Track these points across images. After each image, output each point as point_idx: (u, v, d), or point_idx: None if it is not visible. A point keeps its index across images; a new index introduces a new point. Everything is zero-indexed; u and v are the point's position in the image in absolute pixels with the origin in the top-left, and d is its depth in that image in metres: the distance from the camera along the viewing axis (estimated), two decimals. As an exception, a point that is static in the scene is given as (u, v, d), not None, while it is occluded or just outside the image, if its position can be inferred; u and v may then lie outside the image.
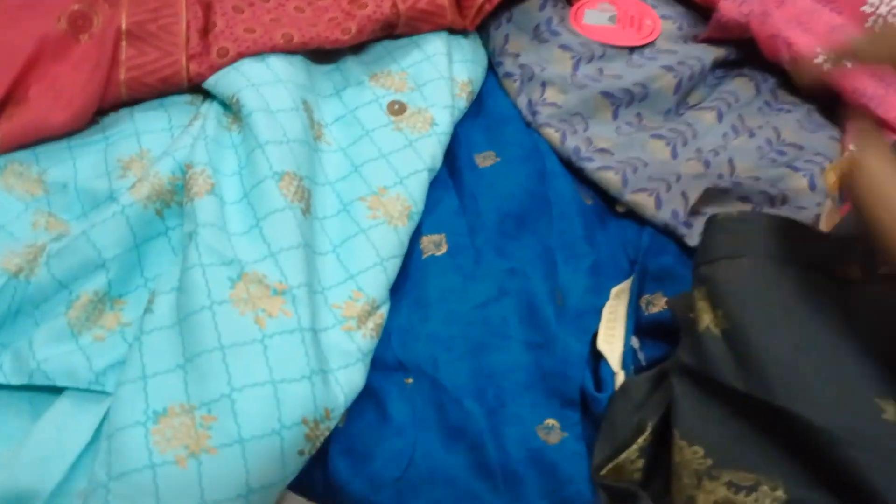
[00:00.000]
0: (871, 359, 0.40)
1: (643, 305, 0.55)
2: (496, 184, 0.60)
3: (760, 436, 0.41)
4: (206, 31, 0.59)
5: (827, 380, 0.40)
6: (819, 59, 0.43)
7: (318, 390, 0.45)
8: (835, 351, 0.41)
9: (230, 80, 0.56)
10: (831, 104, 0.65)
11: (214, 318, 0.45)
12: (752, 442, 0.41)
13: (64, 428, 0.45)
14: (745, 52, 0.68)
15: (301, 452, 0.45)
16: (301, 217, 0.51)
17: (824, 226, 0.55)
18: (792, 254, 0.44)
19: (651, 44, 0.67)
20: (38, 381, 0.45)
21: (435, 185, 0.59)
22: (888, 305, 0.42)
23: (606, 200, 0.62)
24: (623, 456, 0.46)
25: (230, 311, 0.45)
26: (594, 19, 0.67)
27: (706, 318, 0.44)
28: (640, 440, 0.46)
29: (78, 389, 0.46)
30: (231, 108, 0.56)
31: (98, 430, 0.45)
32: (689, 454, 0.42)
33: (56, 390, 0.46)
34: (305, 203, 0.52)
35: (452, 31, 0.67)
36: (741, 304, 0.42)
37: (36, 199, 0.53)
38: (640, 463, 0.46)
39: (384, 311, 0.52)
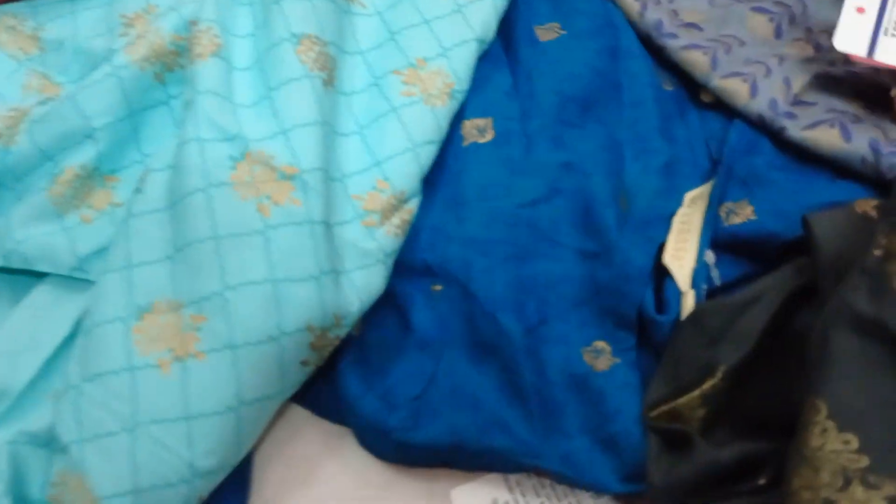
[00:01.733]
0: None
1: (723, 215, 0.47)
2: (559, 61, 0.50)
3: None
4: None
5: None
6: None
7: (327, 293, 0.38)
8: None
9: (250, -78, 0.48)
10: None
11: (210, 202, 0.38)
12: None
13: (41, 318, 0.40)
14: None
15: (304, 363, 0.39)
16: (321, 89, 0.43)
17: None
18: None
19: None
20: (16, 263, 0.40)
21: (486, 60, 0.50)
22: None
23: (690, 87, 0.52)
24: (681, 400, 0.39)
25: (229, 195, 0.39)
26: None
27: None
28: (706, 385, 0.38)
29: (59, 276, 0.41)
30: (251, -41, 0.48)
31: (78, 324, 0.40)
32: (838, 442, 0.31)
33: (35, 275, 0.41)
34: (328, 73, 0.44)
35: None
36: None
37: (30, 57, 0.47)
38: (702, 412, 0.38)
39: (413, 205, 0.44)
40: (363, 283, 0.41)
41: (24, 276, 0.41)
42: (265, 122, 0.41)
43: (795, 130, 0.47)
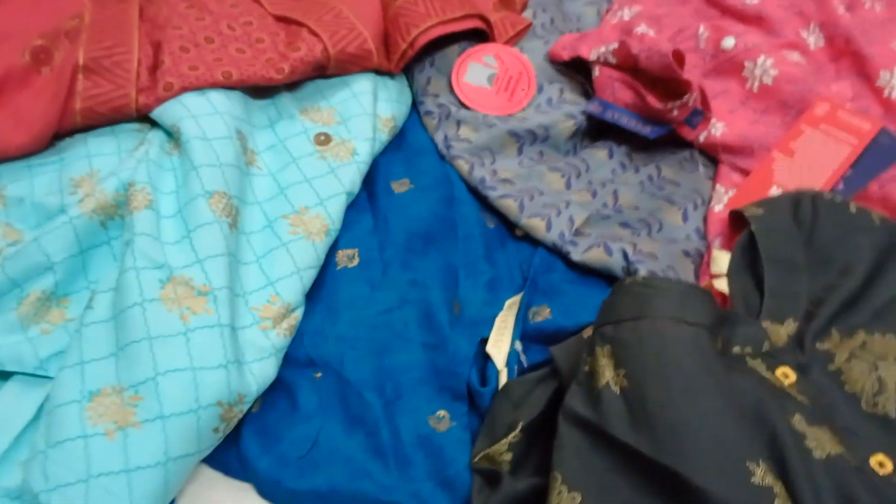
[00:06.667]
0: (742, 421, 0.45)
1: (530, 316, 0.63)
2: (408, 207, 0.68)
3: (641, 491, 0.45)
4: (154, 67, 0.67)
5: (709, 441, 0.43)
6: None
7: (232, 378, 0.52)
8: (717, 413, 0.44)
9: (173, 110, 0.64)
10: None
11: (145, 313, 0.52)
12: (631, 495, 0.45)
13: (10, 406, 0.52)
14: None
15: (216, 430, 0.52)
16: (228, 230, 0.58)
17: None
18: (687, 315, 0.48)
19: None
20: (-10, 365, 0.52)
21: (353, 206, 0.67)
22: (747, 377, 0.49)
23: (507, 224, 0.70)
24: (494, 448, 0.53)
25: (159, 308, 0.53)
26: (474, 76, 0.75)
27: (608, 375, 0.47)
28: (510, 437, 0.53)
29: (25, 374, 0.53)
30: (173, 136, 0.64)
31: (40, 409, 0.52)
32: (568, 499, 0.46)
33: (6, 375, 0.53)
34: (233, 219, 0.60)
35: (380, 72, 0.76)
36: (641, 366, 0.46)
37: (-4, 210, 0.61)
38: (509, 456, 0.53)
39: (299, 313, 0.59)
40: (259, 371, 0.55)
41: (-7, 378, 0.54)
42: (186, 255, 0.56)
43: (577, 254, 0.65)
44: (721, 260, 0.62)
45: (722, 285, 0.61)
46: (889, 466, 0.49)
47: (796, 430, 0.47)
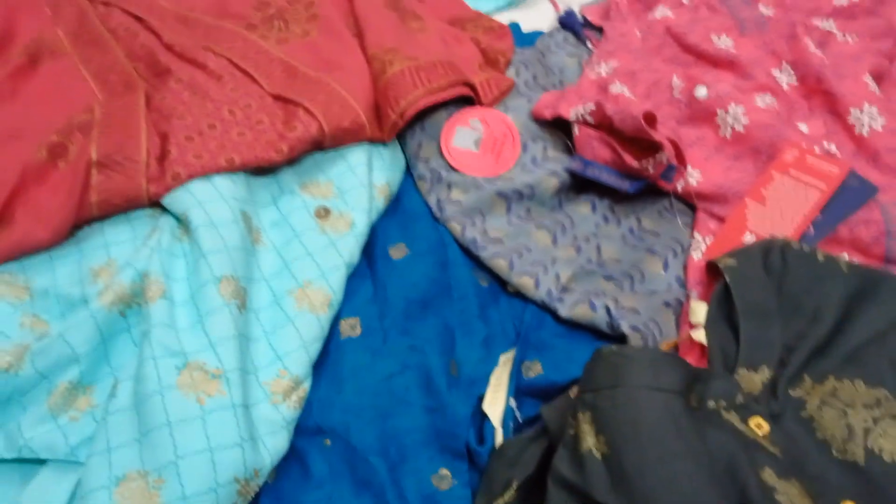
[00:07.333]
0: (713, 482, 0.49)
1: (523, 371, 0.68)
2: (405, 274, 0.72)
3: None
4: (162, 157, 0.72)
5: (680, 500, 0.47)
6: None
7: (247, 454, 0.57)
8: (689, 476, 0.48)
9: (181, 198, 0.69)
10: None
11: (164, 400, 0.57)
12: None
13: (46, 492, 0.56)
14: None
15: (234, 505, 0.56)
16: (237, 312, 0.63)
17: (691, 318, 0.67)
18: (659, 382, 0.52)
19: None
20: (26, 455, 0.57)
21: (354, 274, 0.72)
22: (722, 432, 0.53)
23: (499, 281, 0.74)
24: None
25: (176, 394, 0.57)
26: (462, 140, 0.80)
27: (590, 441, 0.51)
28: (506, 495, 0.57)
29: (57, 460, 0.58)
30: (182, 222, 0.69)
31: (73, 494, 0.57)
32: None
33: (40, 461, 0.58)
34: (241, 300, 0.64)
35: (373, 141, 0.81)
36: (619, 434, 0.50)
37: (22, 302, 0.65)
38: None
39: (306, 385, 0.64)
40: (273, 445, 0.59)
41: (28, 465, 0.58)
42: (199, 340, 0.61)
43: (564, 310, 0.69)
44: (699, 311, 0.66)
45: (700, 336, 0.65)
46: (858, 512, 0.53)
47: (767, 484, 0.51)
